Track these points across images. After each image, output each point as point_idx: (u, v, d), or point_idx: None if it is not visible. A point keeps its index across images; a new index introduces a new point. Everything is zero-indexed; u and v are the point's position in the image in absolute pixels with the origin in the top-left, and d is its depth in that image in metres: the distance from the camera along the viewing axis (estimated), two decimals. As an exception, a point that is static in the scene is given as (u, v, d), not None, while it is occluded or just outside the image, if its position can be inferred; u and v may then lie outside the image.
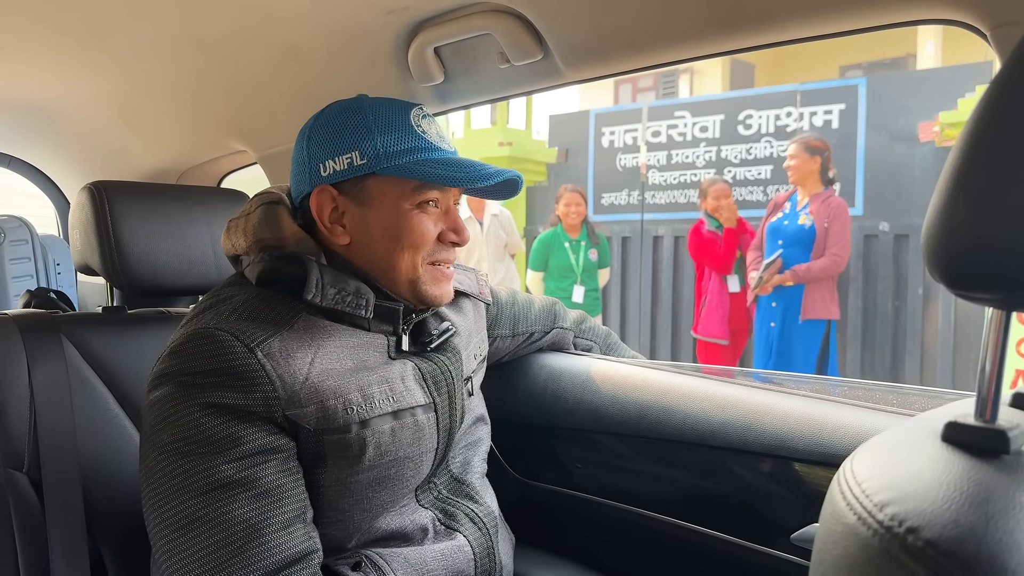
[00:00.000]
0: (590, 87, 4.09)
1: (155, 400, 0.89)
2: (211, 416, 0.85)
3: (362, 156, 0.95)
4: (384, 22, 1.19)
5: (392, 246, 0.97)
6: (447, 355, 1.06)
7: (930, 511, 0.38)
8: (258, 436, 0.86)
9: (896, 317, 4.99)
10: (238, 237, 1.02)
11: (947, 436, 0.47)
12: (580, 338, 1.51)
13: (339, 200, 0.97)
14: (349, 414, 0.92)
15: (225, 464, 0.84)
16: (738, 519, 1.11)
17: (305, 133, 1.01)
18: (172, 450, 0.85)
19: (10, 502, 1.15)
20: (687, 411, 1.18)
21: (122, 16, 1.20)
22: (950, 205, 0.44)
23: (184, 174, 1.97)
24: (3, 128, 1.96)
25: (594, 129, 6.43)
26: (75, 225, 1.37)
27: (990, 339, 0.47)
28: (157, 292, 1.38)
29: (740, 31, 0.97)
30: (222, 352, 0.86)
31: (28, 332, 1.24)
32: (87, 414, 1.25)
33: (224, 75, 1.47)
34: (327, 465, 0.92)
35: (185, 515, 0.83)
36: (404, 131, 0.97)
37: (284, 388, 0.88)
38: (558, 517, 1.36)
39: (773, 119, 5.52)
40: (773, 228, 4.07)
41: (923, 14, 0.83)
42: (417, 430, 0.99)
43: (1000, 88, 0.43)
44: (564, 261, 4.62)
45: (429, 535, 1.02)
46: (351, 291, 0.96)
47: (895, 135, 4.97)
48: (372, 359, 0.98)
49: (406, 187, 0.96)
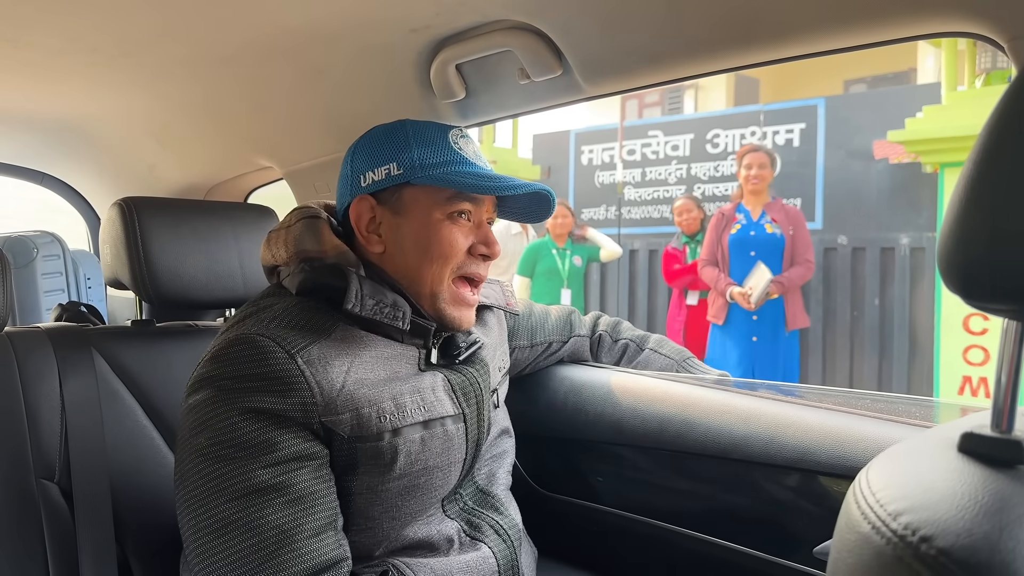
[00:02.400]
0: (599, 101, 4.30)
1: (194, 404, 0.90)
2: (249, 420, 0.86)
3: (399, 167, 0.98)
4: (407, 40, 1.21)
5: (421, 255, 0.99)
6: (475, 367, 1.08)
7: (944, 520, 0.38)
8: (294, 442, 0.88)
9: (854, 326, 5.26)
10: (279, 248, 1.04)
11: (963, 447, 0.47)
12: (617, 338, 1.49)
13: (376, 210, 1.00)
14: (382, 422, 0.93)
15: (260, 469, 0.85)
16: (760, 532, 1.11)
17: (351, 150, 1.05)
18: (209, 453, 0.86)
19: (41, 511, 1.17)
20: (708, 424, 1.18)
21: (152, 37, 1.23)
22: (964, 216, 0.44)
23: (212, 190, 2.00)
24: (37, 146, 2.00)
25: (574, 147, 6.80)
26: (105, 240, 1.40)
27: (1005, 351, 0.46)
28: (185, 306, 1.40)
29: (756, 46, 0.98)
30: (263, 357, 0.88)
31: (60, 345, 1.27)
32: (116, 426, 1.27)
33: (251, 93, 1.50)
34: (358, 473, 0.93)
35: (219, 519, 0.84)
36: (441, 146, 1.00)
37: (322, 395, 0.89)
38: (579, 530, 1.36)
39: (739, 138, 5.90)
40: (738, 240, 4.02)
41: (940, 27, 0.84)
42: (446, 440, 1.00)
43: (1013, 99, 0.43)
44: (551, 265, 4.89)
45: (455, 546, 1.03)
46: (388, 303, 0.97)
47: (852, 153, 5.30)
48: (404, 370, 0.99)
49: (439, 197, 0.99)
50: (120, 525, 1.23)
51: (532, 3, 1.06)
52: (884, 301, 5.09)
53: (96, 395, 1.26)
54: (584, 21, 1.06)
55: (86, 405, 1.24)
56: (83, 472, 1.21)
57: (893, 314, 5.05)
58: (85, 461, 1.22)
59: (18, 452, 1.18)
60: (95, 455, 1.23)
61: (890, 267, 5.08)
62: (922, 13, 0.83)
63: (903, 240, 4.98)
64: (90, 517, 1.20)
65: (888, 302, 5.07)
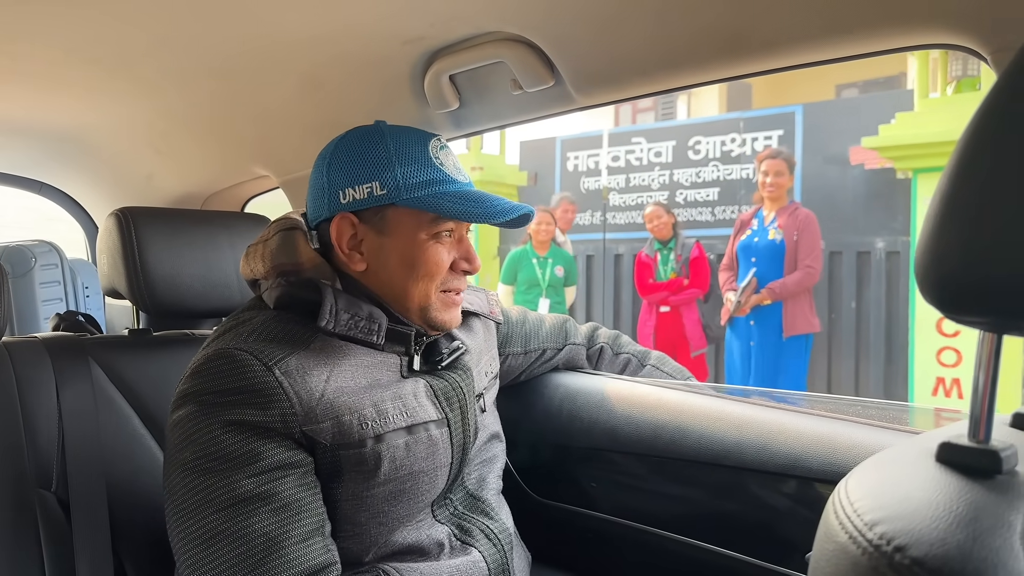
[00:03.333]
0: (596, 107, 4.57)
1: (178, 419, 0.92)
2: (231, 433, 0.88)
3: (382, 187, 0.97)
4: (401, 52, 1.22)
5: (407, 274, 1.00)
6: (458, 372, 1.09)
7: (918, 530, 0.39)
8: (277, 451, 0.89)
9: (832, 329, 5.29)
10: (256, 262, 1.05)
11: (941, 456, 0.47)
12: (619, 352, 1.49)
13: (358, 228, 1.00)
14: (364, 429, 0.94)
15: (245, 479, 0.86)
16: (753, 538, 1.11)
17: (325, 159, 1.03)
18: (194, 467, 0.88)
19: (39, 520, 1.18)
20: (702, 431, 1.18)
21: (150, 47, 1.24)
22: (940, 228, 0.44)
23: (209, 199, 2.01)
24: (35, 156, 2.01)
25: (560, 154, 6.89)
26: (103, 250, 1.41)
27: (982, 361, 0.47)
28: (182, 315, 1.41)
29: (746, 57, 0.99)
30: (241, 371, 0.89)
31: (57, 355, 1.27)
32: (113, 434, 1.28)
33: (248, 103, 1.51)
34: (344, 479, 0.94)
35: (207, 530, 0.85)
36: (423, 163, 0.99)
37: (301, 404, 0.90)
38: (573, 536, 1.36)
39: (719, 145, 5.98)
40: (744, 246, 4.07)
41: (924, 39, 0.85)
42: (431, 445, 1.01)
43: (987, 112, 0.43)
44: (531, 275, 4.93)
45: (445, 550, 1.04)
46: (364, 316, 0.98)
47: (829, 159, 5.36)
48: (385, 377, 1.00)
49: (423, 219, 0.99)
50: (117, 534, 1.24)
51: (524, 16, 1.07)
52: (860, 304, 5.20)
53: (93, 404, 1.26)
54: (575, 33, 1.07)
55: (83, 414, 1.25)
56: (80, 481, 1.22)
57: (869, 317, 5.15)
58: (82, 470, 1.22)
59: (15, 461, 1.18)
60: (92, 464, 1.23)
61: (866, 271, 5.15)
62: (907, 25, 0.84)
63: (879, 244, 5.07)
64: (87, 526, 1.20)
65: (864, 305, 5.18)
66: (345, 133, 1.04)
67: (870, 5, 0.84)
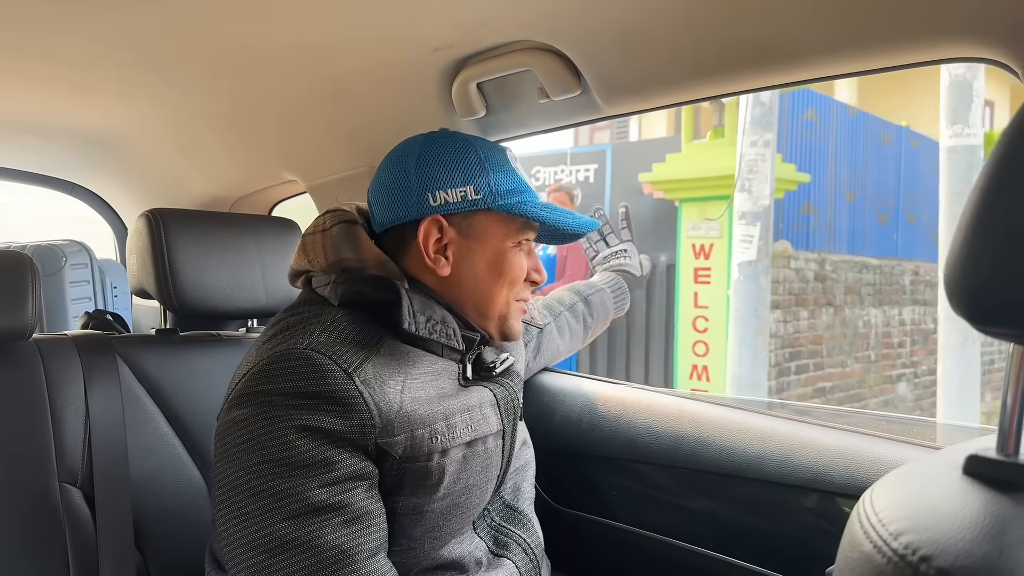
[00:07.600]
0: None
1: (238, 419, 0.86)
2: (306, 439, 0.83)
3: (477, 191, 0.95)
4: (429, 59, 1.23)
5: (494, 281, 0.99)
6: (514, 381, 1.07)
7: (944, 540, 0.39)
8: (351, 461, 0.85)
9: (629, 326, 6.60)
10: (317, 254, 0.98)
11: (968, 469, 0.47)
12: (570, 306, 1.47)
13: (445, 232, 0.96)
14: (433, 443, 0.91)
15: (318, 488, 0.82)
16: (773, 552, 1.10)
17: (410, 159, 0.98)
18: (260, 471, 0.82)
19: (63, 515, 1.20)
20: (723, 442, 1.18)
21: (181, 51, 1.26)
22: (971, 241, 0.43)
23: (237, 202, 2.04)
24: (68, 158, 2.05)
25: None
26: (132, 250, 1.43)
27: (1011, 374, 0.46)
28: (208, 316, 1.43)
29: (773, 68, 0.99)
30: (319, 375, 0.84)
31: (85, 352, 1.30)
32: (138, 432, 1.30)
33: (277, 108, 1.53)
34: (404, 493, 0.91)
35: (275, 537, 0.81)
36: (509, 171, 0.99)
37: (380, 417, 0.86)
38: (592, 545, 1.36)
39: (553, 174, 7.43)
40: None
41: (953, 53, 0.84)
42: (487, 457, 0.99)
43: (1019, 127, 0.43)
44: None
45: (483, 565, 1.01)
46: (439, 319, 0.95)
47: (629, 189, 6.76)
48: (448, 386, 0.97)
49: (512, 226, 0.98)
50: (140, 531, 1.25)
51: (552, 25, 1.07)
52: (649, 307, 6.53)
53: (119, 402, 1.28)
54: (602, 43, 1.08)
55: (109, 411, 1.27)
56: (105, 478, 1.23)
57: (654, 317, 6.52)
58: (107, 467, 1.24)
59: (42, 457, 1.20)
60: (117, 461, 1.25)
61: (653, 279, 6.43)
62: (936, 38, 0.83)
63: (662, 258, 6.35)
64: (111, 522, 1.22)
65: (652, 307, 6.53)
66: (420, 136, 1.01)
67: (900, 18, 0.84)
